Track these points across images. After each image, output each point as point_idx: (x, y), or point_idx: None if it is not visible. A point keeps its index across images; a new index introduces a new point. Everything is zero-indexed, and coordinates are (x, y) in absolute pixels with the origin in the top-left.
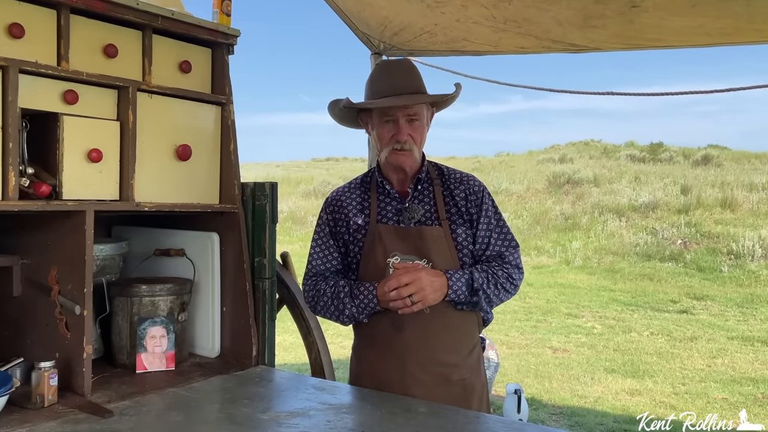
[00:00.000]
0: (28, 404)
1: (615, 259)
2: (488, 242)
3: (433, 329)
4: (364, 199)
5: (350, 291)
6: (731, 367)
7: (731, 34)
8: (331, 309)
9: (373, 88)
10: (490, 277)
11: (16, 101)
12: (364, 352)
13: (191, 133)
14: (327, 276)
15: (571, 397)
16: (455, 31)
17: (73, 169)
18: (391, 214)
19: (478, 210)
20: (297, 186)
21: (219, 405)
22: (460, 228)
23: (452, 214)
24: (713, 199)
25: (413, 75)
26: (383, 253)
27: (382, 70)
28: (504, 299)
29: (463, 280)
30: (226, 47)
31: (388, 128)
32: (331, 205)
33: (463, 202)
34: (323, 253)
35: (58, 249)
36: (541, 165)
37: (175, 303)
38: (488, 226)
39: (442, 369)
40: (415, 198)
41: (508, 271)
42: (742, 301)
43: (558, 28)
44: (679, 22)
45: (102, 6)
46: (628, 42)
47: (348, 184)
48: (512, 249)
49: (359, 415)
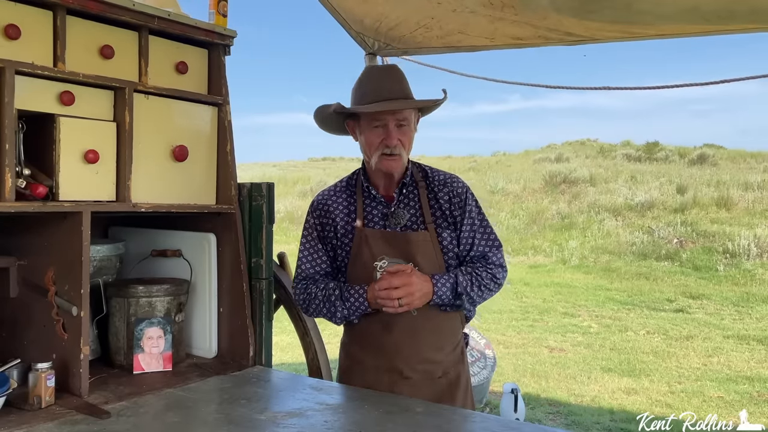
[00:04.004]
0: (26, 405)
1: (611, 258)
2: (472, 243)
3: (420, 329)
4: (351, 203)
5: (341, 294)
6: (727, 366)
7: (726, 18)
8: (323, 311)
9: (360, 93)
10: (474, 279)
11: (13, 102)
12: (353, 349)
13: (188, 133)
14: (317, 279)
15: (568, 396)
16: (451, 24)
17: (69, 170)
18: (377, 219)
19: (461, 212)
20: (294, 186)
21: (216, 405)
22: (445, 231)
23: (437, 218)
24: (709, 198)
25: (400, 80)
26: (370, 256)
27: (370, 76)
28: (487, 297)
29: (448, 285)
30: (222, 48)
31: (378, 133)
32: (317, 209)
33: (447, 205)
34: (312, 256)
35: (55, 250)
36: (537, 164)
37: (172, 304)
38: (471, 227)
39: (427, 366)
40: (400, 202)
41: (491, 271)
42: (737, 300)
43: (555, 14)
44: (674, 5)
45: (98, 7)
46: (624, 31)
47: (333, 186)
48: (495, 249)
49: (356, 415)
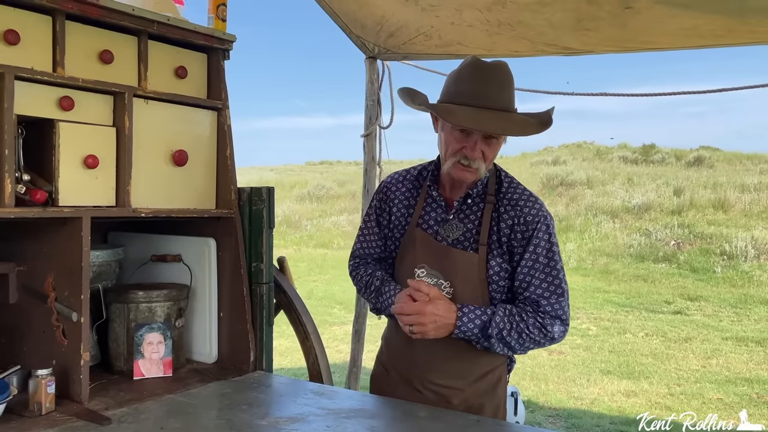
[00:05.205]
0: (26, 412)
1: (609, 260)
2: (528, 283)
3: (439, 352)
4: (413, 195)
5: (380, 286)
6: (726, 368)
7: (724, 36)
8: (365, 296)
9: (456, 88)
10: (514, 324)
11: (12, 108)
12: (382, 353)
13: (187, 138)
14: (368, 262)
15: (568, 399)
16: (450, 35)
17: (69, 176)
18: (432, 222)
19: (524, 243)
20: (291, 190)
21: (217, 411)
22: (495, 259)
23: (493, 242)
24: (706, 200)
25: (506, 88)
26: (412, 260)
27: (473, 72)
28: (532, 348)
29: (477, 322)
30: (221, 52)
31: (460, 138)
32: (381, 192)
33: (508, 231)
34: (366, 238)
35: (55, 256)
36: (534, 167)
37: (172, 309)
38: (533, 264)
39: (443, 390)
40: (460, 212)
41: (542, 320)
42: (735, 302)
43: (551, 30)
44: (672, 24)
45: (97, 12)
46: (621, 45)
47: (404, 172)
48: (555, 297)
49: (359, 420)
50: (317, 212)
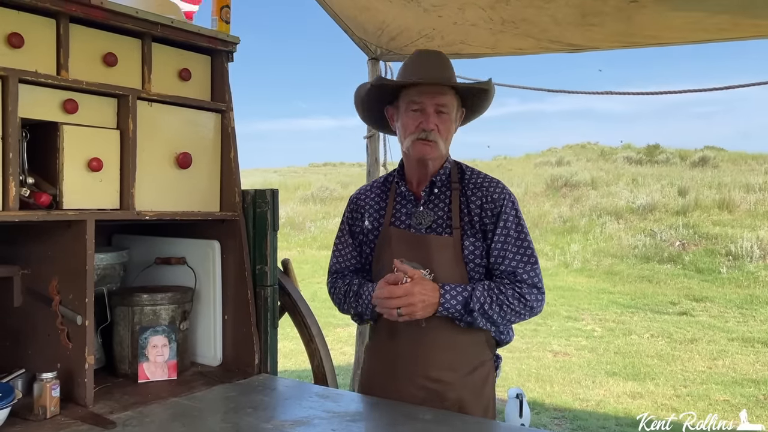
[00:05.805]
0: (31, 416)
1: (614, 261)
2: (503, 257)
3: (427, 343)
4: (382, 199)
5: (357, 290)
6: (732, 369)
7: (729, 30)
8: (345, 307)
9: (403, 73)
10: (494, 297)
11: (16, 111)
12: (369, 352)
13: (191, 140)
14: (345, 274)
15: (573, 401)
16: (453, 35)
17: (73, 179)
18: (404, 217)
19: (494, 220)
20: (295, 192)
21: (222, 414)
22: (469, 239)
23: (465, 224)
24: (711, 200)
25: (447, 66)
26: (390, 256)
27: (417, 58)
28: (514, 320)
29: (459, 298)
30: (225, 54)
31: (415, 117)
32: (351, 203)
33: (478, 211)
34: (341, 252)
35: (59, 259)
36: (538, 168)
37: (177, 312)
38: (505, 239)
39: (436, 386)
40: (429, 202)
41: (520, 290)
42: (741, 303)
43: (556, 27)
44: (677, 18)
45: (101, 15)
46: (626, 40)
47: (371, 183)
48: (529, 266)
49: (364, 422)
50: (321, 214)
